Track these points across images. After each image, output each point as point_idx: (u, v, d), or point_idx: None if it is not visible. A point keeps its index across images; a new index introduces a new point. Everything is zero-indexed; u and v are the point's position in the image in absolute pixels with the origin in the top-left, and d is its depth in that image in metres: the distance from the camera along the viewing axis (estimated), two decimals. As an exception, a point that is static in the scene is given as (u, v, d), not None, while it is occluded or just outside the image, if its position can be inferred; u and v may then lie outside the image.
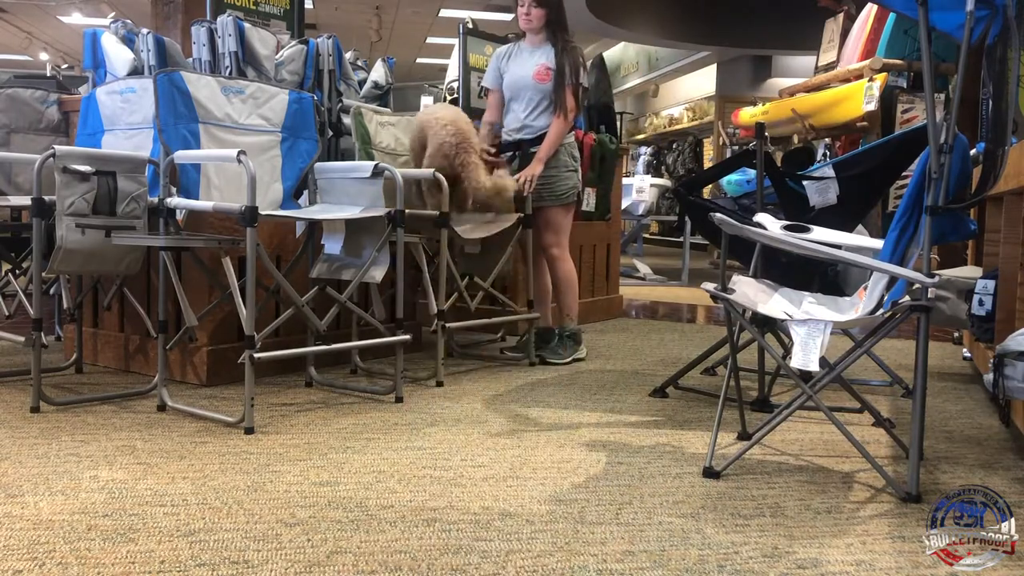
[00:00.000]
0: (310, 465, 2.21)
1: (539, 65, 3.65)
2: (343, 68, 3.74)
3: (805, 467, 2.31)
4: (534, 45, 3.71)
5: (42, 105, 3.62)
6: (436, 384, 3.22)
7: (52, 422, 2.57)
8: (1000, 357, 2.02)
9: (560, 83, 3.61)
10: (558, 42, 3.65)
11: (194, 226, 2.96)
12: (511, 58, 3.77)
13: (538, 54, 3.68)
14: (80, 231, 2.59)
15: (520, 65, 3.71)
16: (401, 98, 4.75)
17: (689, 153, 13.28)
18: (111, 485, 2.02)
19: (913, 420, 2.07)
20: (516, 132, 3.73)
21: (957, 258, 4.62)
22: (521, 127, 3.71)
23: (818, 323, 2.05)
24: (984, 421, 2.86)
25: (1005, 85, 2.05)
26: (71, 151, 2.63)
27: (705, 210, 2.92)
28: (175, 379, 3.14)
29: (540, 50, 3.68)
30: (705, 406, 2.97)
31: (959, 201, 2.11)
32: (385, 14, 12.07)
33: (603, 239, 5.20)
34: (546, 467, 2.24)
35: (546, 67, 3.64)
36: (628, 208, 7.59)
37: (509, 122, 3.75)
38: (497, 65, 3.81)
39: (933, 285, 2.02)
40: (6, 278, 3.47)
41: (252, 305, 2.53)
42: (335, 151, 3.73)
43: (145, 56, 3.43)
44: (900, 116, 5.24)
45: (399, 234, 2.93)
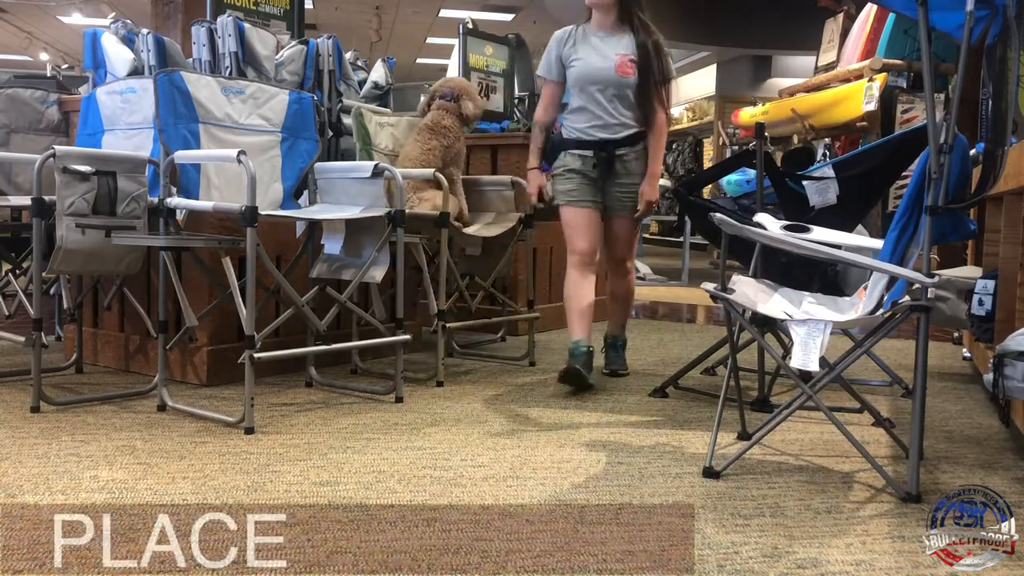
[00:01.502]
0: (310, 465, 2.21)
1: (620, 56, 3.16)
2: (343, 68, 3.74)
3: (805, 467, 2.31)
4: (606, 30, 3.22)
5: (42, 105, 3.62)
6: (436, 384, 3.22)
7: (52, 422, 2.57)
8: (1000, 357, 2.02)
9: (651, 80, 3.16)
10: (637, 27, 3.20)
11: (194, 226, 2.96)
12: (577, 44, 3.23)
13: (613, 42, 3.20)
14: (80, 231, 2.59)
15: (595, 54, 3.19)
16: (401, 98, 4.74)
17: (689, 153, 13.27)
18: (111, 485, 2.02)
19: (913, 420, 2.07)
20: (598, 130, 3.21)
21: (957, 258, 4.62)
22: (605, 124, 3.21)
23: (818, 323, 2.05)
24: (984, 421, 2.86)
25: (1005, 85, 2.05)
26: (71, 151, 2.63)
27: (705, 210, 2.93)
28: (175, 379, 3.14)
29: (615, 37, 3.20)
30: (705, 406, 2.97)
31: (959, 201, 2.11)
32: (385, 14, 12.07)
33: (603, 239, 5.18)
34: (546, 467, 2.24)
35: (629, 59, 3.16)
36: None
37: (580, 118, 3.23)
38: (559, 52, 3.26)
39: (933, 285, 2.02)
40: (6, 278, 3.47)
41: (252, 305, 2.53)
42: (335, 151, 3.73)
43: (145, 56, 3.44)
44: (900, 116, 5.24)
45: (399, 234, 2.93)
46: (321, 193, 3.19)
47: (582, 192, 3.24)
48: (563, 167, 3.27)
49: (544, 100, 3.37)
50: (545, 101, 3.36)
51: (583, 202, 3.25)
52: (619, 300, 3.48)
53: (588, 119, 3.23)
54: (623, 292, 3.46)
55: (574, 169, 3.24)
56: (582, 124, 3.23)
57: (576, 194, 3.24)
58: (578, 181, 3.25)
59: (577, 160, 3.24)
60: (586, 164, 3.23)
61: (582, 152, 3.24)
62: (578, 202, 3.25)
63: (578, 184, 3.24)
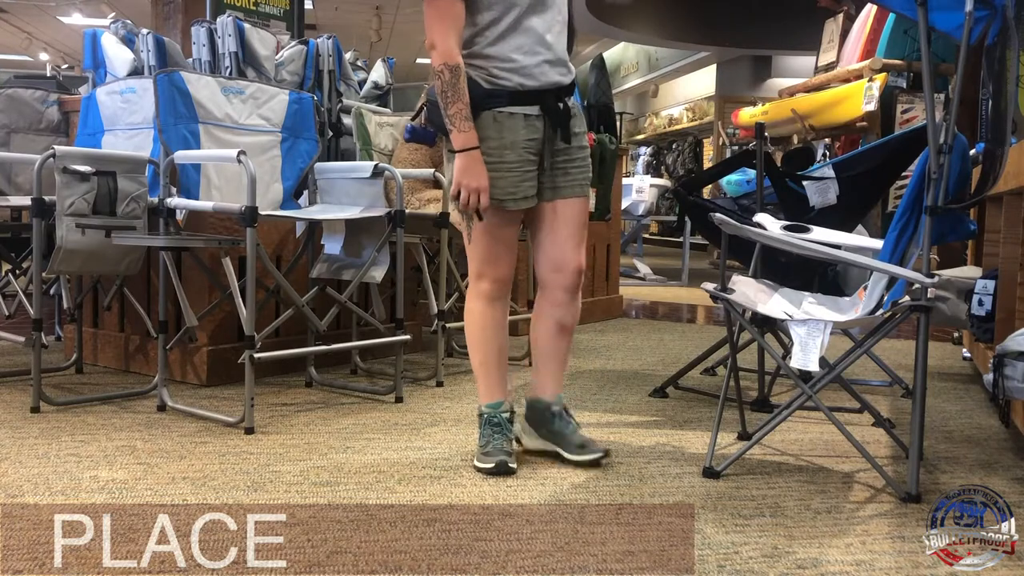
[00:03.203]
0: (310, 465, 2.21)
1: None
2: (343, 68, 3.75)
3: (805, 467, 2.31)
4: None
5: (42, 105, 3.62)
6: (436, 384, 3.22)
7: (52, 422, 2.57)
8: (1000, 357, 2.02)
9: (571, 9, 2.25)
10: None
11: (194, 226, 2.96)
12: None
13: None
14: (80, 231, 2.59)
15: None
16: (401, 98, 4.74)
17: (689, 153, 13.29)
18: (111, 485, 2.02)
19: (913, 420, 2.07)
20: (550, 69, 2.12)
21: (957, 258, 4.62)
22: (555, 60, 2.14)
23: (818, 323, 2.05)
24: (984, 421, 2.86)
25: (1005, 85, 2.05)
26: (71, 151, 2.63)
27: (705, 210, 2.93)
28: (175, 379, 3.14)
29: None
30: (705, 406, 2.97)
31: (959, 201, 2.11)
32: (385, 14, 12.07)
33: (603, 239, 5.20)
34: (546, 467, 2.24)
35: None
36: (628, 208, 7.59)
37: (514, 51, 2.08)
38: None
39: (933, 285, 2.02)
40: (6, 278, 3.47)
41: (252, 305, 2.53)
42: (335, 151, 3.73)
43: (145, 56, 3.44)
44: (900, 116, 5.24)
45: (399, 234, 2.93)
46: (321, 193, 3.19)
47: (522, 181, 2.12)
48: (488, 140, 2.08)
49: (443, 22, 2.03)
50: (445, 24, 2.03)
51: (522, 200, 2.14)
52: (564, 337, 2.30)
53: (529, 52, 2.09)
54: (571, 322, 2.29)
55: (510, 142, 2.09)
56: (521, 60, 2.08)
57: (513, 187, 2.11)
58: (515, 163, 2.11)
59: (516, 124, 2.10)
60: (530, 128, 2.11)
61: (524, 109, 2.11)
62: (517, 200, 2.13)
63: (516, 169, 2.11)
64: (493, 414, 2.24)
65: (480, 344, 2.27)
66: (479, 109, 2.07)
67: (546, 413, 2.29)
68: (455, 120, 2.03)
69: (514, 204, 2.14)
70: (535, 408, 2.32)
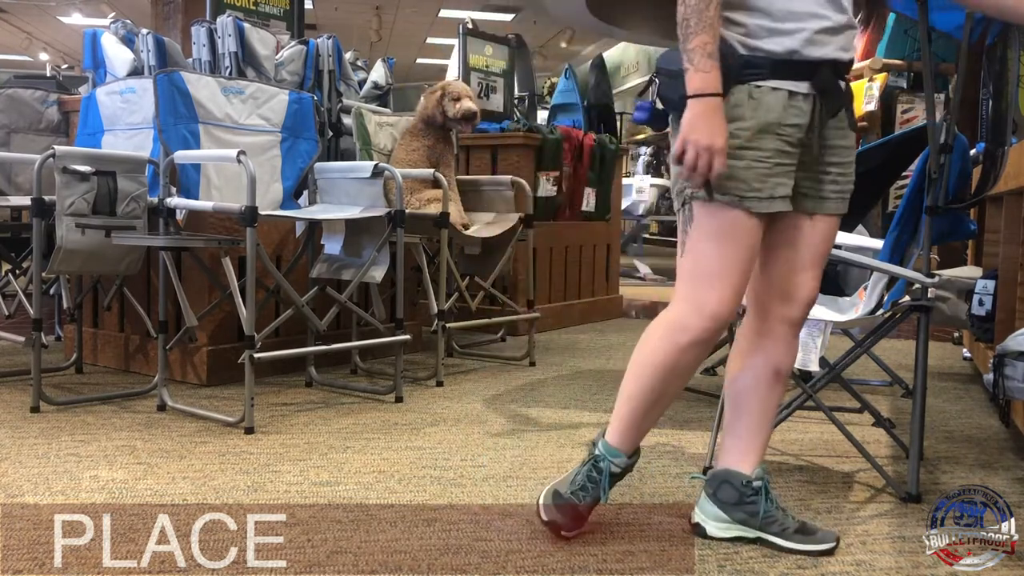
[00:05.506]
0: (310, 465, 2.21)
1: None
2: (343, 68, 3.74)
3: (805, 467, 2.31)
4: None
5: (42, 105, 3.62)
6: (436, 384, 3.22)
7: (52, 422, 2.57)
8: (1000, 357, 2.02)
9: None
10: None
11: (194, 226, 2.96)
12: None
13: None
14: (80, 231, 2.59)
15: None
16: (401, 98, 4.74)
17: (689, 153, 13.24)
18: (111, 485, 2.02)
19: (913, 420, 2.07)
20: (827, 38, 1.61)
21: (957, 258, 4.61)
22: (835, 27, 1.62)
23: (818, 323, 2.05)
24: (984, 421, 2.86)
25: (1005, 85, 2.05)
26: (71, 151, 2.63)
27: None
28: (175, 379, 3.14)
29: None
30: (705, 406, 2.97)
31: (959, 201, 2.11)
32: (385, 14, 12.08)
33: (603, 239, 5.19)
34: (546, 467, 2.24)
35: None
36: (628, 208, 7.59)
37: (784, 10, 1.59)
38: None
39: (933, 285, 2.02)
40: (6, 278, 3.47)
41: (252, 305, 2.53)
42: (335, 151, 3.73)
43: (145, 56, 3.43)
44: (900, 116, 5.24)
45: (399, 234, 2.93)
46: (321, 193, 3.19)
47: (772, 175, 1.62)
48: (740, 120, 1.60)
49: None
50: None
51: (768, 200, 1.62)
52: (779, 386, 1.82)
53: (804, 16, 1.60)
54: (790, 367, 1.83)
55: (768, 123, 1.60)
56: (791, 24, 1.60)
57: (759, 181, 1.61)
58: (770, 153, 1.61)
59: (777, 102, 1.61)
60: (795, 111, 1.62)
61: (791, 84, 1.61)
62: (762, 200, 1.62)
63: (768, 159, 1.61)
64: (609, 461, 1.79)
65: (650, 385, 1.83)
66: (732, 82, 1.59)
67: (746, 490, 1.78)
68: (694, 56, 1.56)
69: (758, 204, 1.60)
70: (729, 483, 1.79)
